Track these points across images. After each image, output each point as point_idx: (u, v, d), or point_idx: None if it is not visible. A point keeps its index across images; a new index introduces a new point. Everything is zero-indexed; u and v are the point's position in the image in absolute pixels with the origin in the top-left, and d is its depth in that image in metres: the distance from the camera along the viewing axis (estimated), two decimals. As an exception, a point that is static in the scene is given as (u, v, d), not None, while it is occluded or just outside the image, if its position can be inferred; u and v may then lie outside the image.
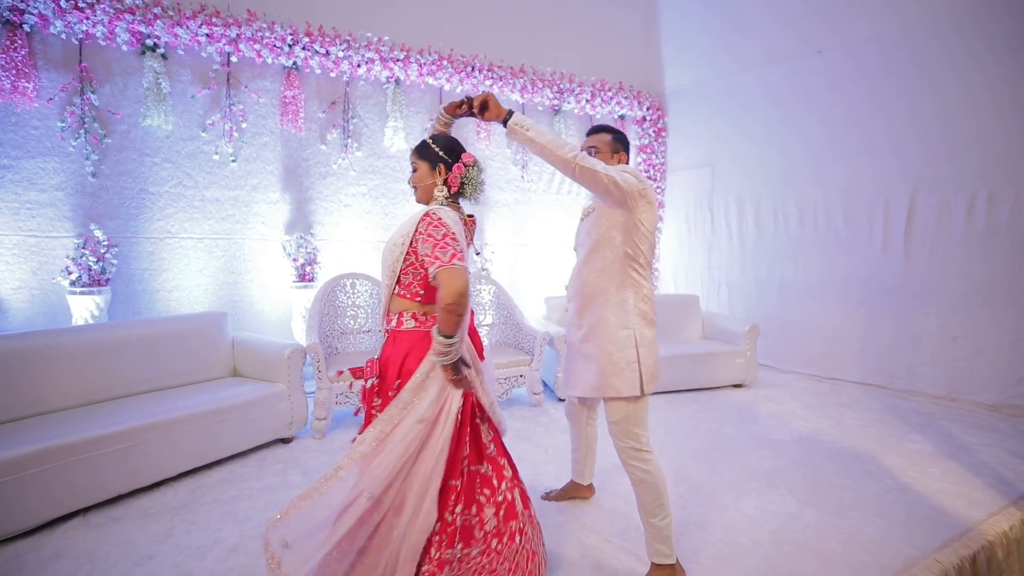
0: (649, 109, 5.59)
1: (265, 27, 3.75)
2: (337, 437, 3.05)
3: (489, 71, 4.63)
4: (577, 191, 5.33)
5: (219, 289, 3.97)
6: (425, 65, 4.34)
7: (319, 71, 4.07)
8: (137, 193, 3.66)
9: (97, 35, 3.37)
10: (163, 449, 2.39)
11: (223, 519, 2.16)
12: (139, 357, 2.80)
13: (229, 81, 3.84)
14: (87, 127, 3.43)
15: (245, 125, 3.92)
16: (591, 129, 1.94)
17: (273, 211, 4.11)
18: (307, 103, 4.12)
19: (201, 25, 3.56)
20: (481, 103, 1.66)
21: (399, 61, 4.24)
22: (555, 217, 5.28)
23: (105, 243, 3.47)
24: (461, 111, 1.72)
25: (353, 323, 3.69)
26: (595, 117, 5.41)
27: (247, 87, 3.91)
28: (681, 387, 4.00)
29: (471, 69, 4.54)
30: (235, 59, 3.81)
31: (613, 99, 5.30)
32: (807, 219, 4.67)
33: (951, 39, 3.82)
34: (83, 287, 3.34)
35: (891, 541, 2.06)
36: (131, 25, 3.38)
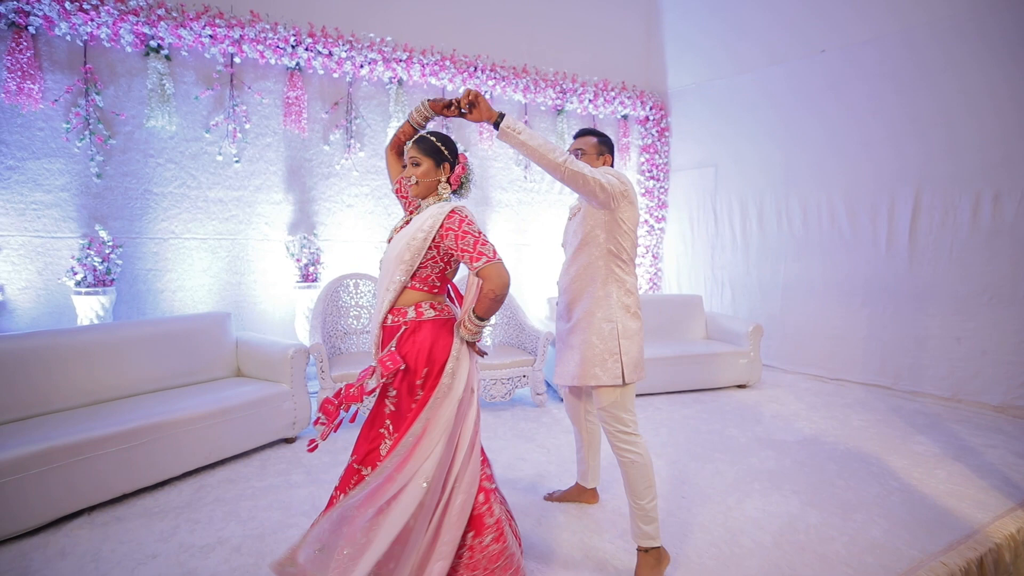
0: (652, 109, 5.58)
1: (268, 28, 3.76)
2: (340, 437, 3.03)
3: (492, 71, 4.63)
4: (579, 191, 5.31)
5: (223, 289, 3.98)
6: (428, 65, 4.34)
7: (322, 72, 4.08)
8: (141, 194, 3.67)
9: (101, 37, 3.39)
10: (167, 449, 2.40)
11: (226, 518, 2.17)
12: (144, 357, 2.82)
13: (232, 82, 3.85)
14: (92, 128, 3.45)
15: (248, 126, 3.93)
16: (578, 133, 2.04)
17: (276, 212, 4.12)
18: (310, 104, 4.13)
19: (205, 26, 3.57)
20: (470, 101, 1.64)
21: (402, 62, 4.24)
22: (558, 217, 5.27)
23: (110, 244, 3.49)
24: (450, 112, 1.69)
25: (356, 323, 3.70)
26: (598, 117, 5.40)
27: (250, 88, 3.92)
28: (684, 388, 3.99)
29: (474, 69, 4.54)
30: (238, 60, 3.83)
31: (616, 99, 5.30)
32: (811, 219, 4.65)
33: (953, 39, 3.80)
34: (88, 287, 3.36)
35: (895, 543, 2.05)
36: (135, 26, 3.40)
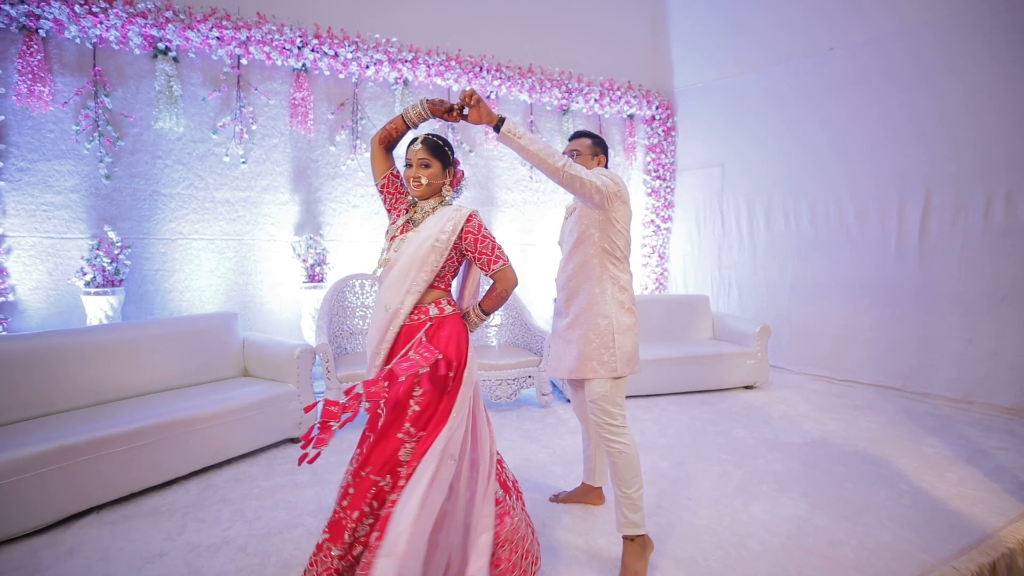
0: (658, 108, 5.55)
1: (274, 29, 3.78)
2: (346, 437, 3.04)
3: (497, 71, 4.62)
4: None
5: (230, 290, 4.01)
6: (433, 66, 4.34)
7: (328, 73, 4.10)
8: (149, 195, 3.70)
9: (110, 39, 3.42)
10: (175, 448, 2.42)
11: (233, 518, 2.18)
12: (151, 357, 2.84)
13: (239, 83, 3.88)
14: (101, 130, 3.48)
15: (255, 127, 3.95)
16: (573, 135, 2.11)
17: (283, 212, 4.14)
18: (316, 105, 4.14)
19: (212, 28, 3.59)
20: (470, 104, 1.65)
21: (407, 62, 4.25)
22: (562, 217, 5.25)
23: (119, 244, 3.52)
24: (451, 117, 1.70)
25: (362, 323, 3.70)
26: (604, 117, 5.38)
27: (257, 89, 3.94)
28: (691, 388, 3.97)
29: (479, 69, 4.54)
30: (245, 61, 3.85)
31: (622, 98, 5.27)
32: (819, 219, 4.60)
33: (966, 36, 3.74)
34: (97, 288, 3.40)
35: (905, 547, 2.02)
36: (143, 29, 3.43)
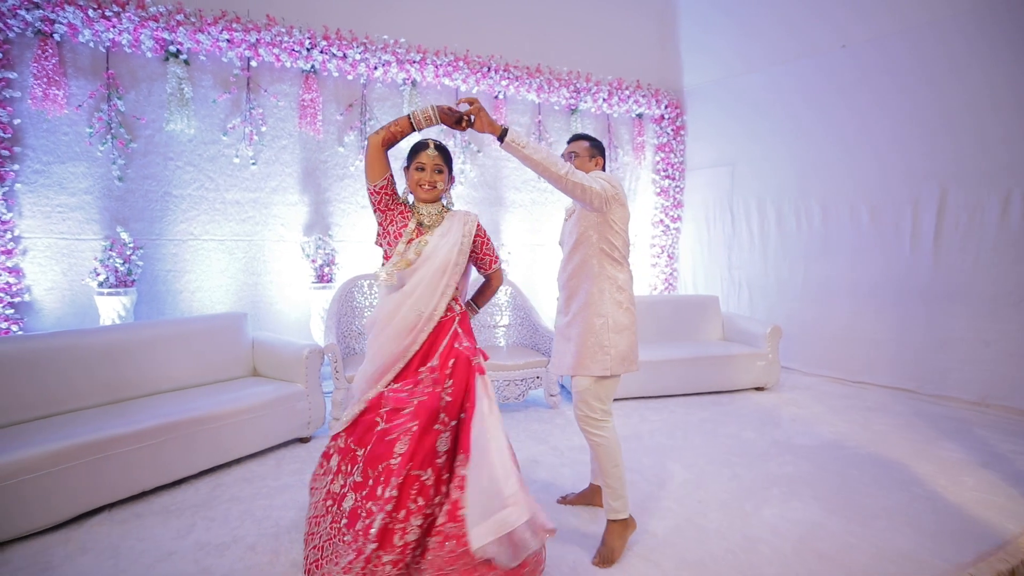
0: (667, 107, 5.51)
1: (284, 31, 3.81)
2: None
3: (505, 71, 4.62)
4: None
5: (239, 290, 4.04)
6: (441, 66, 4.35)
7: (336, 74, 4.12)
8: (161, 196, 3.74)
9: (123, 43, 3.46)
10: (185, 447, 2.44)
11: (242, 517, 2.20)
12: (163, 357, 2.87)
13: (249, 85, 3.91)
14: (114, 132, 3.52)
15: (264, 128, 3.98)
16: (571, 137, 2.17)
17: (292, 213, 4.17)
18: (325, 106, 4.16)
19: (222, 31, 3.62)
20: (473, 114, 1.73)
21: (415, 63, 4.26)
22: (563, 219, 5.24)
23: (131, 245, 3.56)
24: (461, 127, 1.76)
25: (370, 324, 3.71)
26: (612, 116, 5.36)
27: (266, 91, 3.97)
28: (701, 390, 3.93)
29: (487, 70, 4.54)
30: (255, 63, 3.88)
31: (631, 97, 5.24)
32: (831, 218, 4.54)
33: (982, 31, 3.67)
34: (110, 288, 3.44)
35: (921, 553, 1.98)
36: (155, 32, 3.46)
